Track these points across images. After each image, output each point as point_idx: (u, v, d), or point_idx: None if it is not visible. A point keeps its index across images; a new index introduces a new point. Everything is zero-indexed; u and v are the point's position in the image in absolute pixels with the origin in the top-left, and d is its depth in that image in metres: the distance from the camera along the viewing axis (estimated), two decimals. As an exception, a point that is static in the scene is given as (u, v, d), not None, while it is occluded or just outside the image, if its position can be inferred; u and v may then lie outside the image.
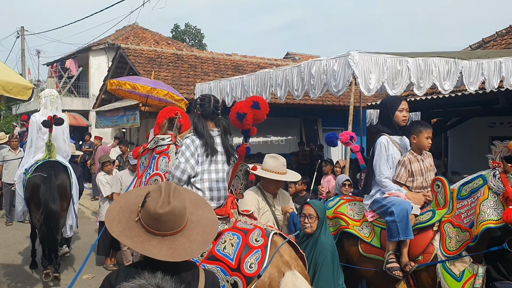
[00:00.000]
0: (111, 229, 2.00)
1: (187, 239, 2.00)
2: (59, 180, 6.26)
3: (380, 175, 4.17)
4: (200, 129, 3.71)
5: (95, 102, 17.77)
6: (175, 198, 1.97)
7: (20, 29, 28.01)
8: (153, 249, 1.92)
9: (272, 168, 4.03)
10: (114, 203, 2.15)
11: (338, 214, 4.52)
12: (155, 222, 1.94)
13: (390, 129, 4.26)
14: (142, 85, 7.64)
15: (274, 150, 14.10)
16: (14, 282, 6.55)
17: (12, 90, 4.42)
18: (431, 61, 7.21)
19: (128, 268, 2.05)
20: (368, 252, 4.23)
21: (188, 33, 45.66)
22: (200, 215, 2.13)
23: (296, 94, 7.89)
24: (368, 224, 4.30)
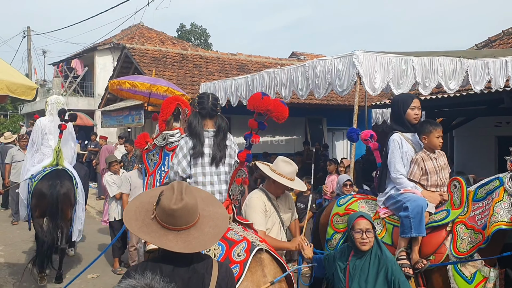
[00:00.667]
0: (130, 227, 2.17)
1: (201, 232, 2.15)
2: (64, 188, 6.35)
3: (395, 172, 4.13)
4: (194, 128, 3.62)
5: (100, 102, 17.83)
6: (187, 195, 2.12)
7: (26, 29, 28.20)
8: (169, 242, 2.07)
9: (285, 174, 3.93)
10: (131, 204, 2.29)
11: (350, 211, 4.46)
12: (170, 218, 2.10)
13: (402, 127, 4.23)
14: (141, 83, 7.68)
15: (279, 150, 14.12)
16: (20, 282, 6.57)
17: (17, 90, 4.44)
18: (437, 61, 7.17)
19: (146, 262, 2.19)
20: None
21: (194, 33, 45.75)
22: (211, 211, 2.28)
23: (301, 93, 7.88)
24: (380, 221, 4.26)
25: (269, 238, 3.65)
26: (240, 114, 13.51)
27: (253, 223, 3.65)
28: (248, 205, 3.88)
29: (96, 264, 7.28)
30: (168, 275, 2.06)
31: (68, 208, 6.46)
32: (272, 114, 3.46)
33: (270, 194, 3.97)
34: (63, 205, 6.32)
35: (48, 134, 6.67)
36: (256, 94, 3.45)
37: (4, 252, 8.05)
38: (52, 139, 6.67)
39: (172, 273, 2.10)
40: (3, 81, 4.19)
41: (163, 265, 2.12)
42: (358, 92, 6.79)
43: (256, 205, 3.83)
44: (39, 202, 6.27)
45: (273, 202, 3.92)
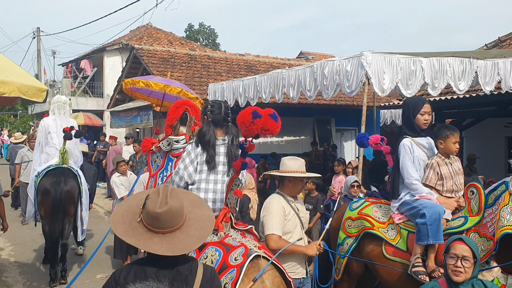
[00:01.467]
0: (116, 230, 2.18)
1: (186, 234, 2.16)
2: (68, 186, 6.43)
3: (409, 177, 4.06)
4: (208, 139, 3.62)
5: (109, 102, 17.93)
6: (172, 198, 2.14)
7: (36, 30, 28.41)
8: (154, 245, 2.09)
9: (296, 169, 3.86)
10: (119, 207, 2.31)
11: (363, 216, 4.41)
12: (154, 221, 2.11)
13: (412, 131, 4.17)
14: (155, 82, 7.62)
15: (287, 150, 14.11)
16: (30, 281, 6.63)
17: (28, 92, 4.48)
18: (446, 61, 7.13)
19: (131, 265, 2.21)
20: (393, 255, 4.11)
21: (202, 33, 45.88)
22: (198, 213, 2.29)
23: (309, 94, 7.87)
24: (394, 226, 4.19)
25: (284, 242, 3.64)
26: (248, 115, 13.58)
27: (268, 227, 3.65)
28: (266, 209, 3.82)
29: (106, 264, 7.35)
30: (151, 277, 2.05)
31: (71, 205, 6.55)
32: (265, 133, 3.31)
33: (287, 196, 3.90)
34: (66, 202, 6.43)
35: (52, 133, 6.76)
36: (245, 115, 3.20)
37: (14, 252, 8.12)
38: (56, 137, 6.75)
39: (156, 275, 2.09)
40: (14, 83, 4.24)
41: (147, 267, 2.14)
42: (367, 93, 6.77)
43: (274, 209, 3.76)
44: (44, 198, 6.38)
45: (291, 204, 3.85)
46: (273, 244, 3.62)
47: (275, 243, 3.63)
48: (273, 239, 3.65)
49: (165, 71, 13.67)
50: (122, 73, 16.44)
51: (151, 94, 8.28)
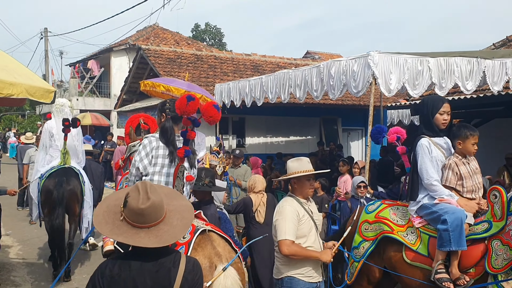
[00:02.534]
0: (101, 230, 2.27)
1: (170, 225, 2.26)
2: (70, 185, 6.55)
3: (428, 178, 3.93)
4: (170, 135, 3.85)
5: (116, 103, 18.01)
6: (153, 193, 2.23)
7: (44, 31, 28.59)
8: (142, 239, 2.18)
9: (298, 169, 3.77)
10: (98, 208, 2.37)
11: (381, 219, 4.29)
12: (139, 217, 2.20)
13: (430, 131, 4.07)
14: (177, 88, 7.53)
15: (294, 150, 14.11)
16: (38, 281, 6.67)
17: (36, 93, 4.52)
18: (453, 61, 7.10)
19: (116, 259, 2.29)
20: (414, 260, 3.99)
21: (208, 33, 45.93)
22: (176, 204, 2.40)
23: (316, 94, 7.86)
24: (414, 230, 4.07)
25: (298, 247, 3.56)
26: (255, 115, 13.60)
27: (281, 232, 3.57)
28: (279, 213, 3.70)
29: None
30: (136, 269, 2.20)
31: (75, 204, 6.67)
32: (203, 117, 3.74)
33: (300, 199, 3.78)
34: (70, 201, 6.55)
35: (55, 135, 6.85)
36: (181, 99, 3.64)
37: (22, 251, 8.17)
38: (58, 139, 6.84)
39: (141, 267, 2.21)
40: (22, 84, 4.27)
41: (132, 260, 2.23)
42: (374, 93, 6.75)
43: (288, 213, 3.64)
44: (47, 199, 6.51)
45: (304, 206, 3.75)
46: (286, 249, 3.52)
47: (288, 248, 3.52)
48: (286, 244, 3.53)
49: (172, 72, 13.72)
50: (129, 73, 16.52)
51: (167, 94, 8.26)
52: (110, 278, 2.19)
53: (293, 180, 3.79)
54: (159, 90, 7.66)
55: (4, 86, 3.98)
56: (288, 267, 3.64)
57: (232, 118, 13.82)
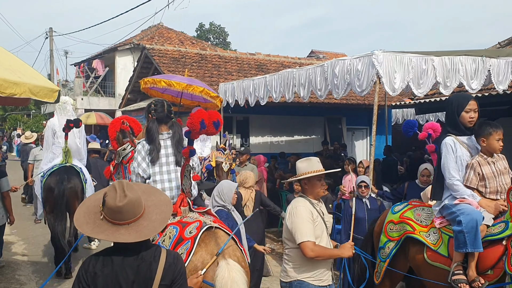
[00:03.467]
0: (83, 230, 2.36)
1: (149, 220, 2.36)
2: (71, 183, 6.70)
3: (450, 178, 3.89)
4: (152, 134, 4.02)
5: (121, 102, 18.04)
6: (129, 191, 2.32)
7: (49, 30, 28.65)
8: (122, 236, 2.28)
9: (307, 170, 3.70)
10: (78, 210, 2.46)
11: (404, 219, 4.30)
12: (118, 214, 2.29)
13: (456, 130, 4.00)
14: (178, 82, 7.52)
15: (298, 150, 14.09)
16: (42, 280, 6.70)
17: (39, 93, 4.53)
18: (458, 60, 7.05)
19: (99, 255, 2.37)
20: (434, 260, 3.99)
21: (213, 32, 45.96)
22: (154, 199, 2.48)
23: (320, 94, 7.83)
24: (436, 230, 4.06)
25: (319, 247, 3.50)
26: (258, 114, 13.58)
27: (301, 234, 3.48)
28: (294, 215, 3.60)
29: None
30: (118, 264, 2.29)
31: (75, 202, 6.76)
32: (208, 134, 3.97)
33: (311, 199, 3.72)
34: (70, 199, 6.68)
35: (57, 132, 7.00)
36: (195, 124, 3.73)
37: (27, 250, 8.21)
38: (61, 137, 6.99)
39: (122, 262, 2.30)
40: (26, 84, 4.28)
41: (114, 256, 2.32)
42: (378, 92, 6.71)
43: (303, 214, 3.56)
44: (48, 196, 6.68)
45: (316, 207, 3.69)
46: (310, 252, 3.42)
47: (312, 250, 3.42)
48: (308, 246, 3.42)
49: (176, 71, 13.71)
50: (134, 72, 16.54)
51: (165, 92, 8.24)
52: (94, 274, 2.28)
53: (304, 180, 3.72)
54: (160, 86, 7.64)
55: (7, 86, 3.99)
56: (298, 270, 3.56)
57: (236, 117, 13.81)
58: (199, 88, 7.70)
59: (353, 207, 4.60)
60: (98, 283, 2.27)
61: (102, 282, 2.27)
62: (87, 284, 2.28)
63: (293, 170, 11.16)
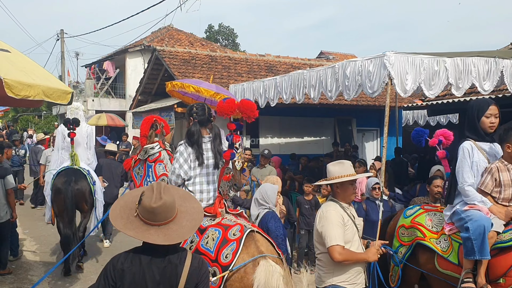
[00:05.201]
0: (116, 224, 2.42)
1: (179, 225, 2.41)
2: (78, 185, 6.87)
3: (463, 182, 3.81)
4: (196, 138, 4.13)
5: (131, 103, 18.11)
6: (166, 194, 2.38)
7: (60, 32, 28.87)
8: (151, 236, 2.34)
9: (340, 173, 3.64)
10: (116, 203, 2.53)
11: (415, 224, 4.24)
12: (151, 215, 2.35)
13: (475, 135, 3.91)
14: (206, 89, 7.59)
15: (308, 151, 14.05)
16: (54, 280, 6.75)
17: (53, 95, 4.56)
18: (470, 61, 6.99)
19: (128, 253, 2.44)
20: (445, 268, 3.92)
21: (222, 34, 46.05)
22: (188, 206, 2.53)
23: (330, 95, 7.81)
24: (447, 237, 3.98)
25: (348, 251, 3.48)
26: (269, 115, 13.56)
27: (330, 238, 3.46)
28: (324, 218, 3.57)
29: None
30: (146, 264, 2.36)
31: (82, 203, 7.02)
32: (243, 115, 4.05)
33: (342, 203, 3.66)
34: (78, 201, 6.87)
35: (67, 138, 7.15)
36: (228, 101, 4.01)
37: (39, 250, 8.28)
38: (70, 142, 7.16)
39: (150, 262, 2.36)
40: (40, 86, 4.31)
41: (142, 255, 2.38)
42: (390, 93, 6.68)
43: (334, 218, 3.52)
44: (56, 197, 6.84)
45: (347, 211, 3.65)
46: (338, 255, 3.40)
47: (340, 254, 3.40)
48: (337, 250, 3.40)
49: (186, 72, 13.76)
50: (144, 74, 16.59)
51: (186, 94, 8.29)
52: (121, 271, 2.33)
53: (336, 184, 3.67)
54: (188, 91, 7.70)
55: (22, 88, 4.03)
56: (332, 275, 3.54)
57: (246, 118, 13.81)
58: (225, 97, 7.75)
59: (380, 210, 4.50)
60: (124, 280, 2.32)
61: (129, 279, 2.32)
62: (114, 280, 2.34)
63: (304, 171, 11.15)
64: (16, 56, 4.71)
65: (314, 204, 7.53)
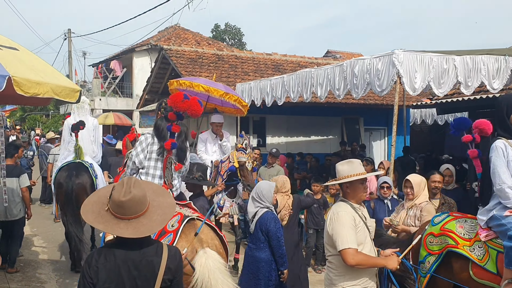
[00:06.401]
0: (86, 218, 2.45)
1: (149, 219, 2.43)
2: (79, 179, 6.83)
3: (500, 184, 3.58)
4: (161, 131, 4.27)
5: (138, 102, 18.15)
6: (135, 188, 2.40)
7: (67, 31, 28.98)
8: (120, 229, 2.36)
9: (349, 173, 3.50)
10: (89, 198, 2.58)
11: (446, 231, 3.99)
12: (120, 209, 2.38)
13: (506, 132, 3.74)
14: (216, 89, 7.52)
15: (315, 150, 14.01)
16: (62, 278, 6.76)
17: (61, 93, 4.57)
18: (480, 59, 6.95)
19: (101, 249, 2.48)
20: (481, 278, 3.68)
21: (228, 33, 46.03)
22: (160, 201, 2.56)
23: (338, 93, 7.79)
24: (482, 244, 3.74)
25: (363, 255, 3.32)
26: (275, 114, 13.55)
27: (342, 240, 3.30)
28: (335, 219, 3.41)
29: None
30: (121, 259, 2.36)
31: (84, 195, 6.84)
32: (188, 112, 4.20)
33: (353, 204, 3.51)
34: (79, 195, 6.78)
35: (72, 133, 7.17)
36: (178, 94, 4.14)
37: (47, 249, 8.29)
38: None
39: (125, 257, 2.37)
40: (48, 84, 4.31)
41: (117, 250, 2.39)
42: (398, 92, 6.65)
43: (345, 220, 3.36)
44: (58, 191, 6.87)
45: (358, 212, 3.50)
46: (352, 259, 3.23)
47: (353, 258, 3.23)
48: (350, 253, 3.24)
49: (194, 72, 13.76)
50: (151, 73, 16.62)
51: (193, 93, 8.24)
52: (96, 268, 2.35)
53: (346, 184, 3.53)
54: (198, 91, 7.56)
55: (31, 86, 4.03)
56: (343, 278, 3.39)
57: (252, 117, 13.80)
58: (234, 97, 7.76)
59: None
60: (100, 277, 2.33)
61: (105, 275, 2.34)
62: (91, 278, 2.35)
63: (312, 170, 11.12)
64: (25, 54, 4.72)
65: (323, 203, 7.49)
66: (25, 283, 6.56)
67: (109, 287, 2.34)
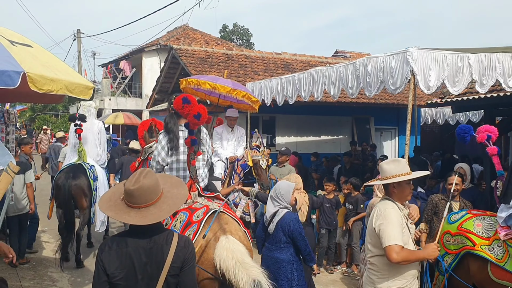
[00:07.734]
0: (101, 206, 2.61)
1: (158, 209, 2.51)
2: (76, 181, 7.07)
3: None
4: (171, 126, 4.51)
5: (148, 102, 18.18)
6: (146, 178, 2.50)
7: (77, 32, 29.11)
8: (128, 217, 2.47)
9: (397, 172, 3.44)
10: (111, 188, 2.77)
11: (463, 231, 3.93)
12: (129, 197, 2.49)
13: None
14: (222, 86, 7.49)
15: (326, 149, 13.95)
16: (74, 277, 6.77)
17: (75, 90, 4.54)
18: (495, 57, 6.84)
19: (114, 237, 2.57)
20: (501, 278, 3.61)
21: (236, 33, 46.05)
22: (174, 192, 2.64)
23: (351, 92, 7.71)
24: (501, 243, 3.68)
25: (407, 251, 3.27)
26: (285, 113, 13.50)
27: (388, 237, 3.26)
28: (383, 216, 3.35)
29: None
30: (132, 246, 2.47)
31: (81, 198, 7.18)
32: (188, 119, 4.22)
33: (398, 204, 3.45)
34: (76, 196, 7.06)
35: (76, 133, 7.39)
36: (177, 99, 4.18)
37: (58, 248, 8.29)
38: (83, 137, 7.44)
39: (136, 245, 2.47)
40: (62, 81, 4.29)
41: (128, 238, 2.50)
42: (412, 90, 6.57)
43: (394, 217, 3.32)
44: (56, 193, 7.12)
45: (402, 212, 3.45)
46: (396, 255, 3.18)
47: (397, 254, 3.19)
48: (395, 250, 3.19)
49: (203, 71, 13.73)
50: (161, 73, 16.64)
51: (198, 89, 8.23)
52: (109, 254, 2.45)
53: (393, 184, 3.46)
54: (204, 88, 7.61)
55: (45, 82, 4.01)
56: (387, 279, 3.32)
57: (262, 117, 13.75)
58: (242, 93, 7.74)
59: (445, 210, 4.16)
60: (112, 263, 2.43)
61: (117, 262, 2.43)
62: (103, 265, 2.45)
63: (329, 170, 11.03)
64: (38, 51, 4.70)
65: (335, 203, 7.44)
66: (37, 282, 6.57)
67: (121, 273, 2.44)
